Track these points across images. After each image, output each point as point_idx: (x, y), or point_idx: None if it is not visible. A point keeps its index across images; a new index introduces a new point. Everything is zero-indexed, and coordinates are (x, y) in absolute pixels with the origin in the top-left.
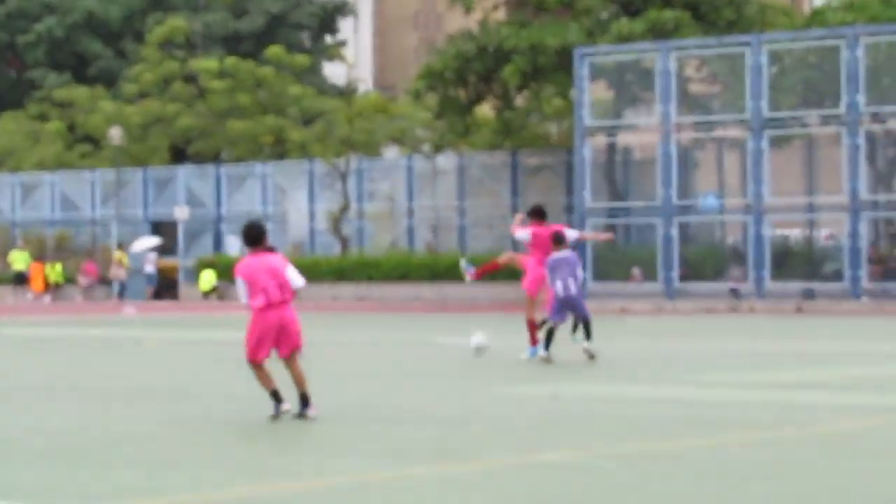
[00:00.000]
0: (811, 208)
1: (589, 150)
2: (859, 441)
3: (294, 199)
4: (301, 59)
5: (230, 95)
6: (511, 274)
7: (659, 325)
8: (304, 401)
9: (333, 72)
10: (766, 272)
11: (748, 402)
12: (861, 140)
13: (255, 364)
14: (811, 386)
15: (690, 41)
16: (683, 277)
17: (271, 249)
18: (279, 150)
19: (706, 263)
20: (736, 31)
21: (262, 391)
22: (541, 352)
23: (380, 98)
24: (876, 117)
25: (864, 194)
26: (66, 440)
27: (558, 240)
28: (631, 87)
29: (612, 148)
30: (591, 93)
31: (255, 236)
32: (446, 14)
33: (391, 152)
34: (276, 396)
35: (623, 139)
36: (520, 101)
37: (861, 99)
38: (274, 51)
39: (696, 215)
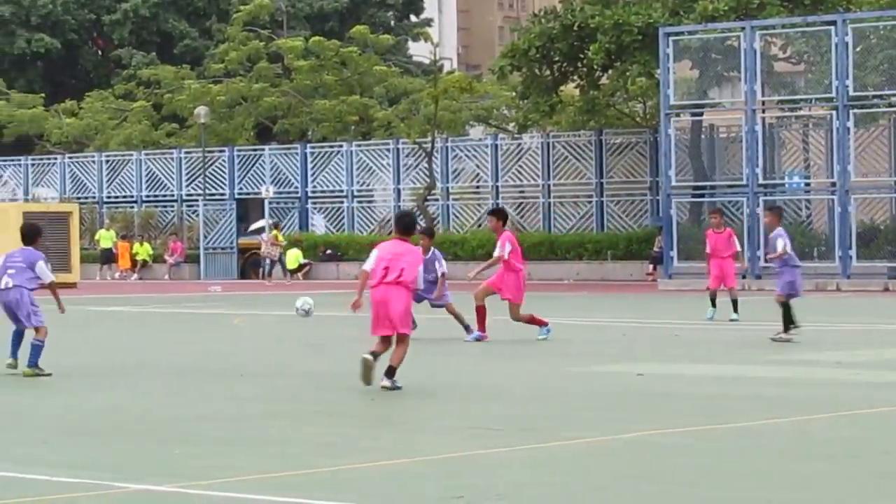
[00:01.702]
0: None
1: (673, 129)
2: None
3: (379, 178)
4: (386, 38)
5: (315, 74)
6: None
7: (743, 304)
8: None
9: (418, 50)
10: (853, 252)
11: (835, 381)
12: None
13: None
14: (894, 366)
15: (775, 20)
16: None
17: (409, 240)
18: (364, 129)
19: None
20: (821, 9)
21: (353, 368)
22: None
23: (464, 77)
24: None
25: None
26: (151, 417)
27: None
28: (715, 65)
29: (696, 127)
30: (675, 71)
31: (406, 224)
32: None
33: (476, 131)
34: (374, 355)
35: (708, 118)
36: (604, 80)
37: None
38: (359, 30)
39: (781, 194)
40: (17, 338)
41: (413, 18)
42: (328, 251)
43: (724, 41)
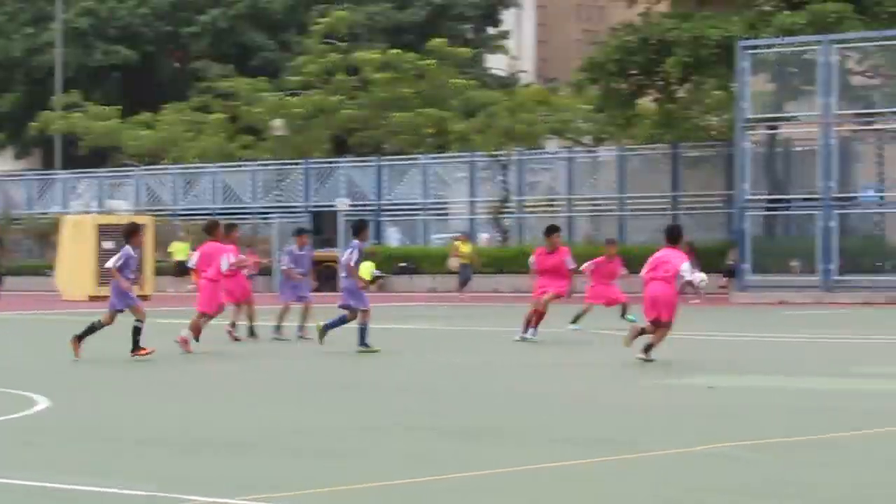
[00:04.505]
0: None
1: (749, 143)
2: None
3: (455, 190)
4: (463, 51)
5: (392, 87)
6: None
7: (817, 317)
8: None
9: (496, 63)
10: None
11: None
12: None
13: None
14: None
15: (852, 34)
16: (842, 270)
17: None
18: (440, 141)
19: (865, 256)
20: None
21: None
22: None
23: (541, 90)
24: None
25: None
26: (238, 434)
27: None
28: (792, 79)
29: (772, 140)
30: (752, 85)
31: (673, 235)
32: (609, 6)
33: (552, 144)
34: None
35: (784, 131)
36: (681, 93)
37: None
38: (436, 42)
39: (855, 207)
40: None
41: (491, 31)
42: (403, 264)
43: (800, 55)
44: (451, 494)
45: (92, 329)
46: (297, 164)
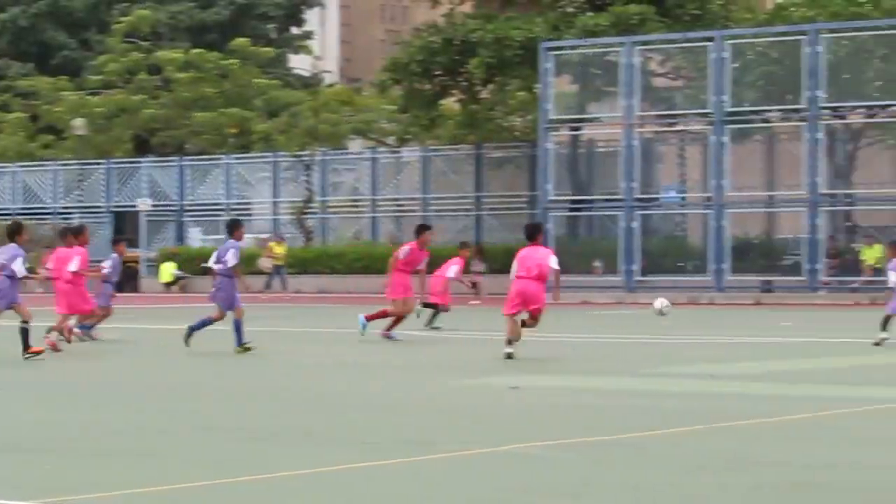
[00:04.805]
0: (771, 202)
1: (552, 144)
2: (814, 431)
3: (258, 190)
4: (266, 51)
5: (195, 86)
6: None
7: (619, 317)
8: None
9: (299, 63)
10: (727, 265)
11: (707, 393)
12: (821, 135)
13: (508, 316)
14: (768, 378)
15: (654, 36)
16: (644, 271)
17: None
18: (243, 141)
19: (667, 257)
20: (699, 26)
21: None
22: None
23: (345, 90)
24: (836, 112)
25: (823, 188)
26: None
27: None
28: (595, 80)
29: (575, 141)
30: (555, 86)
31: (532, 232)
32: (412, 7)
33: (356, 145)
34: (510, 343)
35: (586, 132)
36: (485, 94)
37: (821, 94)
38: (239, 42)
39: (657, 208)
40: None
41: (294, 31)
42: (206, 264)
43: (603, 56)
44: (247, 496)
45: None
46: (98, 163)
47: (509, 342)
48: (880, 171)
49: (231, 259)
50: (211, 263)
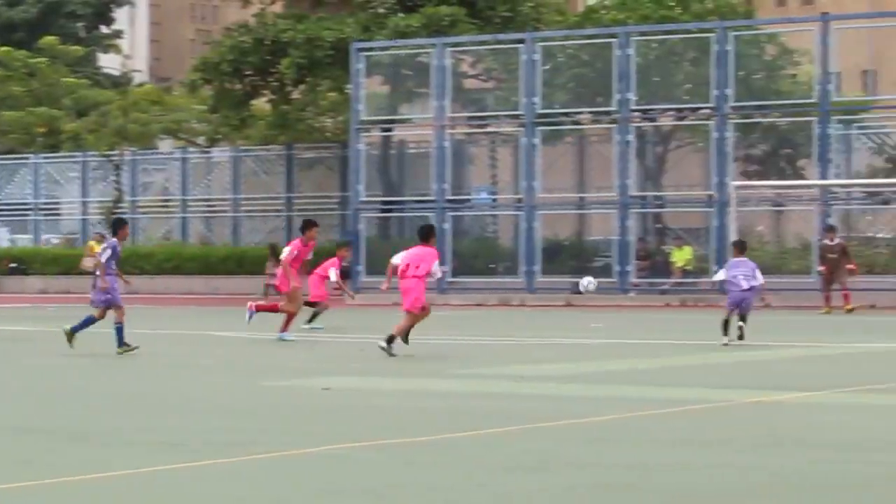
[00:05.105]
0: (582, 204)
1: (363, 145)
2: (622, 432)
3: (67, 190)
4: (75, 49)
5: (2, 85)
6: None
7: (428, 318)
8: (391, 339)
9: (109, 62)
10: (538, 267)
11: (518, 394)
12: (631, 137)
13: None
14: (578, 379)
15: (465, 37)
16: (455, 272)
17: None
18: (52, 140)
19: (478, 258)
20: (511, 28)
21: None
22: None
23: (155, 89)
24: (646, 115)
25: (634, 190)
26: None
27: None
28: (406, 81)
29: (386, 142)
30: (366, 87)
31: (426, 234)
32: (223, 6)
33: (166, 144)
34: (391, 340)
35: (398, 133)
36: (296, 94)
37: (632, 96)
38: (48, 40)
39: (468, 210)
40: None
41: (104, 30)
42: (13, 264)
43: (414, 57)
44: (52, 498)
45: None
46: None
47: (392, 338)
48: (690, 173)
49: (103, 255)
50: (102, 261)
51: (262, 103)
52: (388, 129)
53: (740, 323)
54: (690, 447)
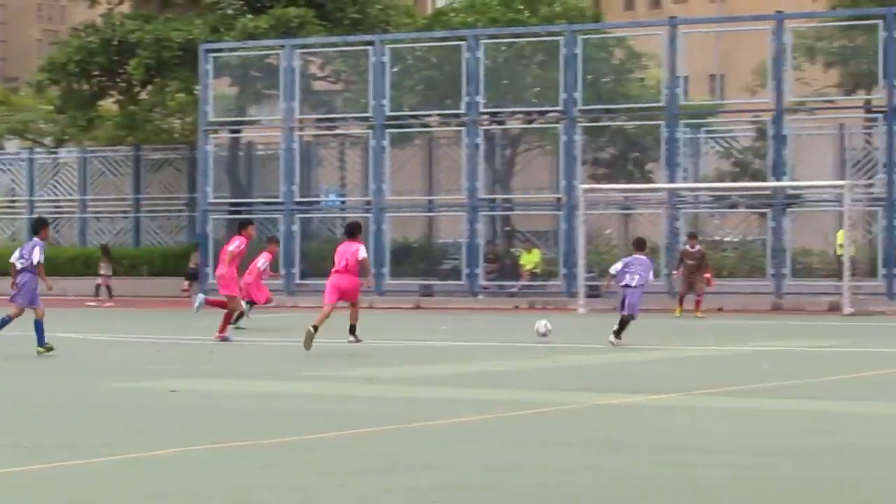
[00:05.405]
0: (431, 206)
1: (212, 146)
2: (474, 434)
3: None
4: None
5: None
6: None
7: (280, 320)
8: (353, 329)
9: None
10: (386, 269)
11: (369, 396)
12: (480, 140)
13: (328, 305)
14: (428, 381)
15: (314, 39)
16: (304, 274)
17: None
18: None
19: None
20: (360, 30)
21: None
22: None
23: (1, 89)
24: (495, 118)
25: (482, 193)
26: None
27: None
28: (255, 83)
29: (235, 144)
30: (215, 88)
31: (351, 230)
32: (70, 6)
33: (12, 145)
34: (316, 329)
35: (247, 135)
36: (144, 95)
37: (480, 99)
38: None
39: (317, 212)
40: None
41: None
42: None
43: (263, 59)
44: None
45: None
46: None
47: (315, 328)
48: (538, 176)
49: (36, 256)
50: (14, 260)
51: (109, 104)
52: (237, 131)
53: (616, 327)
54: (545, 449)
